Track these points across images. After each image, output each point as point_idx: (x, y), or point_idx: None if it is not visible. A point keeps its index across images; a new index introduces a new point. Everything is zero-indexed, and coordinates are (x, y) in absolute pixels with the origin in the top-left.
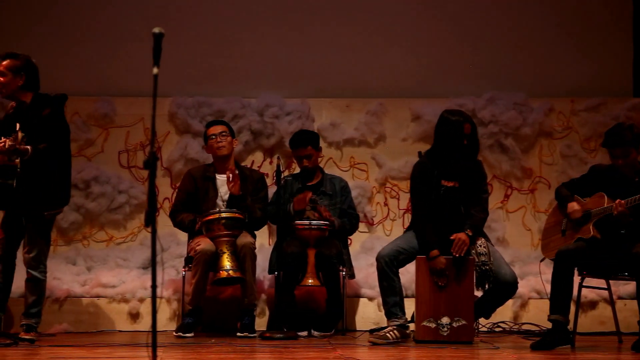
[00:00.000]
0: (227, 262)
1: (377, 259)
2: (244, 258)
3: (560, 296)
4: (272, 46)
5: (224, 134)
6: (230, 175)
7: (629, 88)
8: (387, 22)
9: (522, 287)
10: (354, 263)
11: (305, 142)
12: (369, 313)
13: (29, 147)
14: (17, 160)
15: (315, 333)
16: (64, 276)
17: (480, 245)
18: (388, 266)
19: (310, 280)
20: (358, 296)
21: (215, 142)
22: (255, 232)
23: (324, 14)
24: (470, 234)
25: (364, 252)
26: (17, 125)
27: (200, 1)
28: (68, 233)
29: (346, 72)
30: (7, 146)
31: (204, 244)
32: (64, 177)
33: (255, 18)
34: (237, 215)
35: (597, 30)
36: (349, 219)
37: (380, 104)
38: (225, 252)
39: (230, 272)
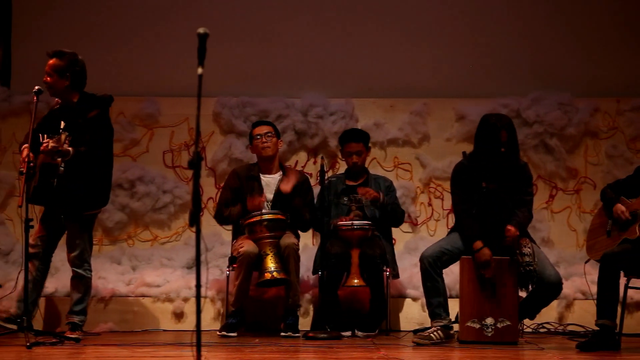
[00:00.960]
0: (271, 264)
1: (421, 260)
2: (288, 258)
3: (607, 300)
4: (317, 46)
5: (269, 134)
6: (290, 174)
7: None
8: (431, 22)
9: (567, 288)
10: (398, 263)
11: (358, 138)
12: (412, 313)
13: (70, 149)
14: (60, 160)
15: (359, 333)
16: (109, 275)
17: (525, 246)
18: (432, 267)
19: (354, 281)
20: (402, 296)
21: (261, 143)
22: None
23: (368, 14)
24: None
25: (407, 252)
26: (62, 123)
27: (245, 1)
28: (113, 233)
29: (390, 72)
30: (49, 147)
31: (247, 245)
32: (104, 179)
33: (300, 18)
34: (279, 216)
35: None
36: (398, 211)
37: (425, 104)
38: (268, 254)
39: (275, 273)
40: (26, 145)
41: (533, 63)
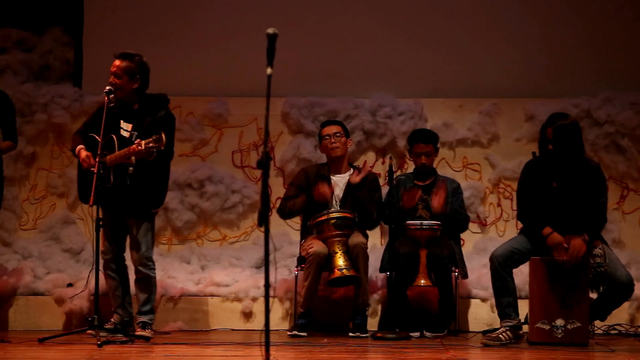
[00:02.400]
0: (340, 261)
1: (491, 259)
2: (356, 258)
3: None
4: (385, 46)
5: (338, 134)
6: (361, 169)
7: None
8: (501, 21)
9: (639, 289)
10: (466, 263)
11: (427, 139)
12: (481, 314)
13: (154, 151)
14: (133, 159)
15: (428, 334)
16: (179, 275)
17: (596, 247)
18: (502, 266)
19: (422, 281)
20: (470, 297)
21: (330, 143)
22: (368, 231)
23: (437, 14)
24: (587, 239)
25: (476, 252)
26: (123, 123)
27: (314, 2)
28: (182, 232)
29: (459, 72)
30: (150, 146)
31: (316, 246)
32: (167, 176)
33: (368, 18)
34: (346, 214)
35: None
36: (458, 218)
37: (494, 104)
38: (337, 252)
39: (344, 270)
40: (81, 146)
41: (604, 63)
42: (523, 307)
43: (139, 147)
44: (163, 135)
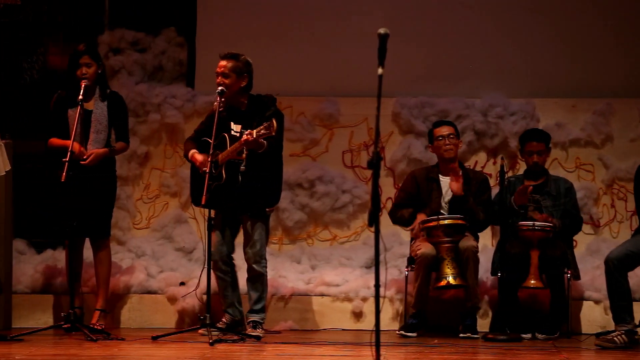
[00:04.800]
0: (447, 270)
1: (606, 262)
2: (467, 261)
3: None
4: (497, 45)
5: (452, 136)
6: (453, 176)
7: None
8: (614, 20)
9: None
10: (579, 265)
11: (540, 137)
12: (594, 316)
13: (265, 141)
14: (244, 155)
15: (539, 336)
16: (289, 274)
17: None
18: (617, 269)
19: (531, 282)
20: (583, 299)
21: (443, 144)
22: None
23: (549, 12)
24: None
25: (589, 254)
26: (232, 125)
27: (425, 2)
28: (293, 232)
29: (572, 71)
30: (255, 135)
31: (424, 247)
32: (281, 176)
33: (479, 18)
34: (457, 221)
35: None
36: (570, 219)
37: (608, 104)
38: (445, 259)
39: (451, 279)
40: (194, 150)
41: None
42: (638, 311)
43: (250, 137)
44: (274, 121)
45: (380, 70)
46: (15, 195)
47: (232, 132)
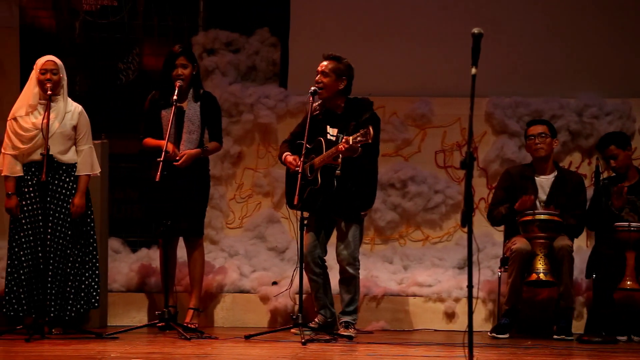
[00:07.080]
0: (539, 265)
1: None
2: (561, 261)
3: None
4: (591, 44)
5: (543, 135)
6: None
7: None
8: None
9: None
10: None
11: (605, 143)
12: None
13: (360, 147)
14: (339, 160)
15: (635, 338)
16: (381, 274)
17: None
18: None
19: (627, 283)
20: None
21: (534, 144)
22: None
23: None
24: None
25: None
26: (328, 128)
27: (518, 1)
28: (385, 232)
29: None
30: (351, 142)
31: (519, 243)
32: (376, 180)
33: (573, 16)
34: (553, 217)
35: None
36: None
37: None
38: (538, 254)
39: (541, 275)
40: (287, 152)
41: None
42: None
43: (346, 144)
44: (371, 129)
45: (473, 70)
46: (110, 194)
47: (329, 136)
